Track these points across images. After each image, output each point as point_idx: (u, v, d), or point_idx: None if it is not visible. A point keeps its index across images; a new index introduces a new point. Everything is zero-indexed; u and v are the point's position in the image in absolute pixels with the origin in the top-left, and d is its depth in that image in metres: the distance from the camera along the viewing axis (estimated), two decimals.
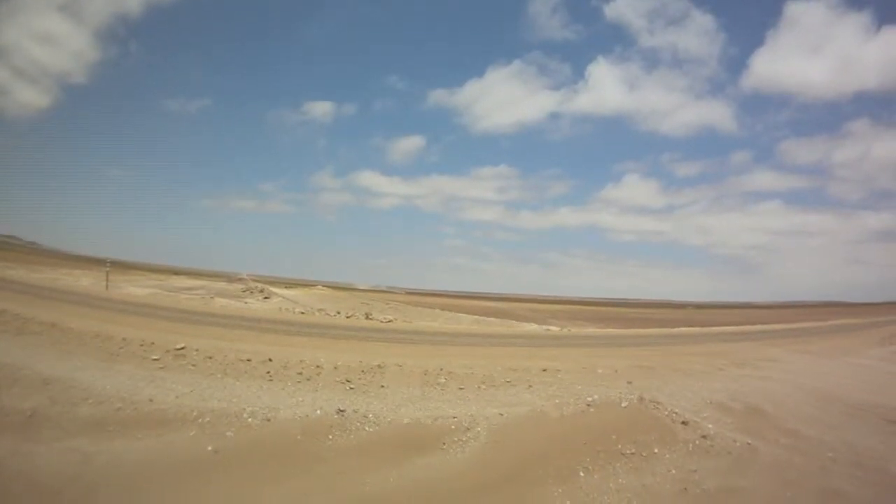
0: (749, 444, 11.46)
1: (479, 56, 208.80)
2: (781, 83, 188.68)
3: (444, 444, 10.63)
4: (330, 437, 10.45)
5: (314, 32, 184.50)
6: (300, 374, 15.15)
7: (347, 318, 35.87)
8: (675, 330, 41.30)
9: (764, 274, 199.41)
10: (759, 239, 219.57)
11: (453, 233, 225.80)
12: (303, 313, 36.27)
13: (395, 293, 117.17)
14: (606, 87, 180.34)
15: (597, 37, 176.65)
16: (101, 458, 9.08)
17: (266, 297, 55.00)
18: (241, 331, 21.91)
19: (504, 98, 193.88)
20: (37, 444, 9.42)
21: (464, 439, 10.81)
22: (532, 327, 39.84)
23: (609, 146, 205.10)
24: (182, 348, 16.26)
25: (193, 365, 15.11)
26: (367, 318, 36.78)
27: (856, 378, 21.59)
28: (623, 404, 12.71)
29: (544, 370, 17.93)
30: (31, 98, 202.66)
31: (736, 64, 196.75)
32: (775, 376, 20.35)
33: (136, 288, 46.46)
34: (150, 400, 11.47)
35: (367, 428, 10.93)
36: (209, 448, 9.68)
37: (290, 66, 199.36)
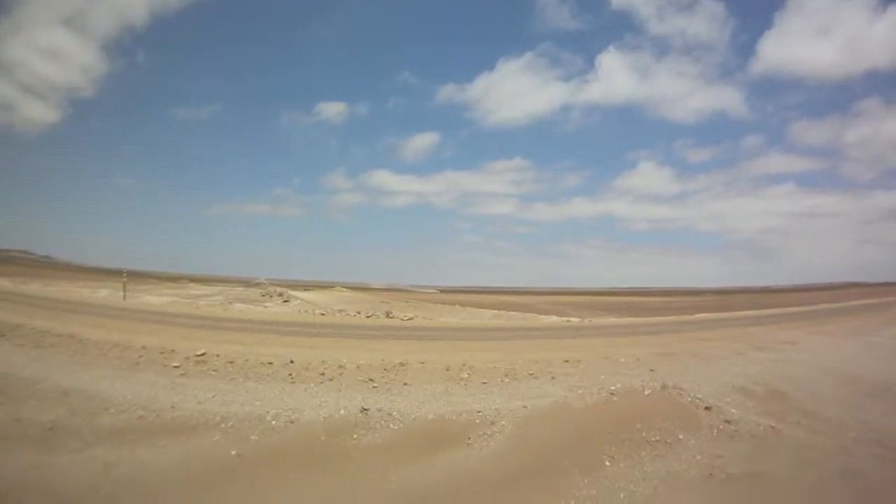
0: (772, 427, 11.40)
1: (490, 49, 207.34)
2: (791, 65, 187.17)
3: (469, 438, 10.61)
4: (354, 435, 10.45)
5: (323, 32, 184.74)
6: (322, 374, 15.19)
7: (368, 317, 36.09)
8: (694, 316, 41.06)
9: (779, 257, 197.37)
10: (774, 222, 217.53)
11: (469, 228, 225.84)
12: (323, 315, 36.51)
13: (414, 291, 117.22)
14: (617, 76, 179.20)
15: (606, 26, 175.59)
16: (122, 467, 9.04)
17: (285, 301, 55.41)
18: (261, 335, 22.06)
19: (516, 91, 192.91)
20: (57, 455, 9.32)
21: (489, 433, 10.79)
22: (552, 319, 39.66)
23: (621, 135, 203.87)
24: (203, 354, 16.35)
25: (215, 370, 15.18)
26: (387, 316, 36.98)
27: (873, 357, 21.48)
28: (646, 392, 12.66)
29: (566, 361, 17.89)
30: (40, 113, 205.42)
31: (745, 48, 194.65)
32: (794, 358, 20.21)
33: (153, 297, 46.84)
34: (172, 407, 11.50)
35: (391, 426, 10.93)
36: (233, 452, 9.70)
37: (300, 68, 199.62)
